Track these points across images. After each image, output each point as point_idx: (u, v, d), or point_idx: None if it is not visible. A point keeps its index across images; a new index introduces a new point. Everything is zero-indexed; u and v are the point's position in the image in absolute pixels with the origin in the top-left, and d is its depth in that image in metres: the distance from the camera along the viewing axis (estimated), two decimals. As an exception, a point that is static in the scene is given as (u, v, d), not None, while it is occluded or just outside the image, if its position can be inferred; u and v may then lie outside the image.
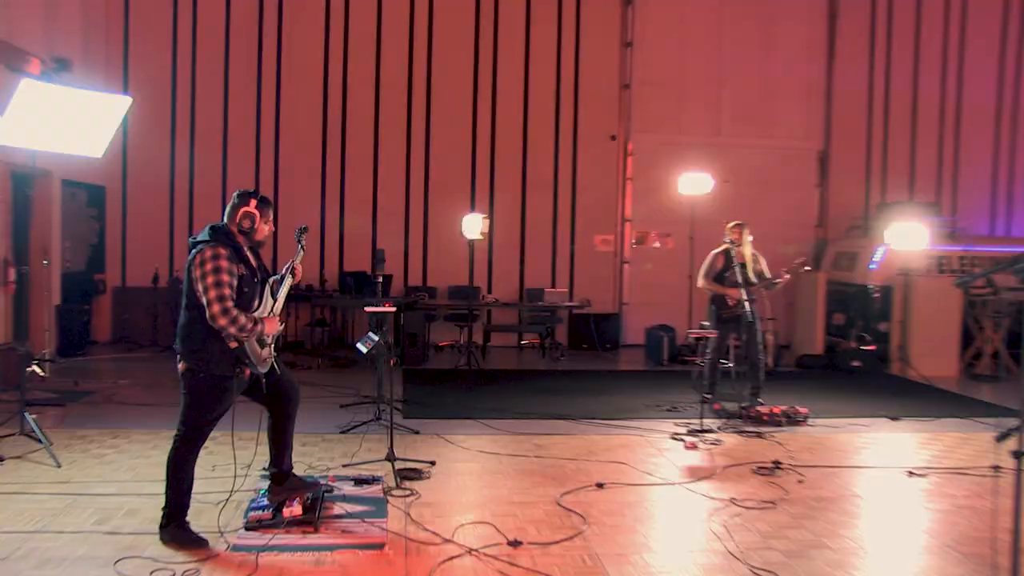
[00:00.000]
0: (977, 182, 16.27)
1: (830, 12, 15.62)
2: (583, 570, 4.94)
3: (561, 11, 14.83)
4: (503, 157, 14.74)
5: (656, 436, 8.37)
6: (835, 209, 15.81)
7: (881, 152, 15.98)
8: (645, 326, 14.27)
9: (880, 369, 12.81)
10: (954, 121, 16.08)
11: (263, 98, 14.08)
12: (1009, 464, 4.10)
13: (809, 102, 15.73)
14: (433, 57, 14.51)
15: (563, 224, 14.98)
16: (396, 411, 8.70)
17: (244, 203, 5.29)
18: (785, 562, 5.16)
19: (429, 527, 5.52)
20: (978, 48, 16.06)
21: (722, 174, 13.93)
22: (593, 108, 14.97)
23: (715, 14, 15.27)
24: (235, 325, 5.01)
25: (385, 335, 7.58)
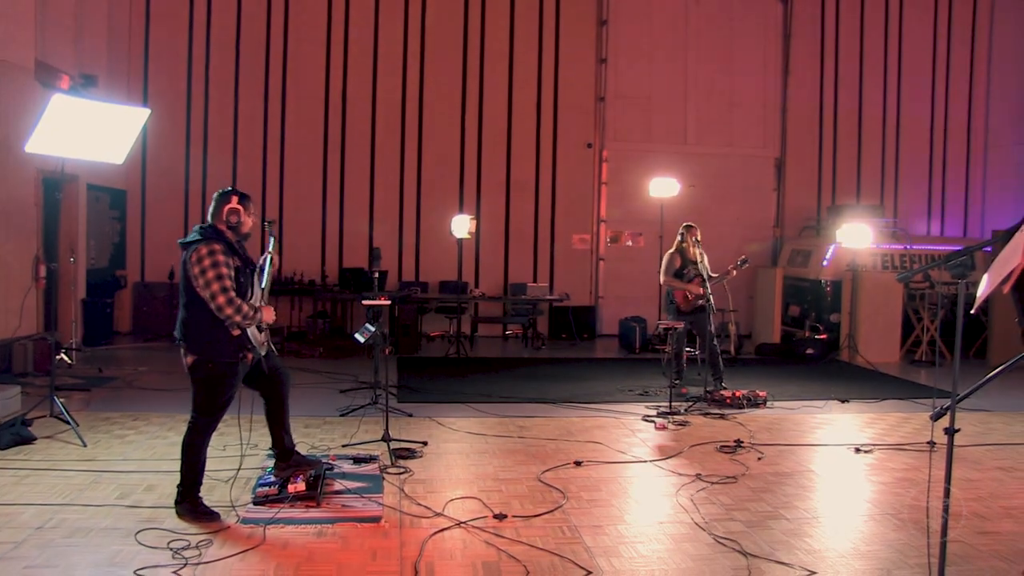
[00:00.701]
0: (915, 187, 16.37)
1: (785, 33, 15.66)
2: (563, 540, 4.95)
3: (542, 30, 14.81)
4: (489, 163, 14.73)
5: (629, 418, 8.39)
6: (790, 211, 15.86)
7: (831, 160, 16.04)
8: (619, 317, 14.29)
9: (831, 356, 12.86)
10: (895, 132, 16.17)
11: (270, 109, 14.02)
12: (943, 440, 4.13)
13: (766, 114, 15.78)
14: (425, 72, 14.47)
15: (544, 224, 14.97)
16: (391, 396, 8.67)
17: (227, 200, 5.26)
18: (746, 531, 5.18)
19: (422, 502, 5.52)
20: (914, 67, 16.16)
21: (688, 179, 13.99)
22: (571, 118, 14.96)
23: (681, 34, 15.29)
24: (240, 314, 5.01)
25: (381, 326, 7.56)
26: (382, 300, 8.11)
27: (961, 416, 8.00)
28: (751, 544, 4.96)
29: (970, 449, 7.37)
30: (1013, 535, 5.18)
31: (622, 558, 4.72)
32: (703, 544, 4.96)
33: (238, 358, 5.20)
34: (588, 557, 4.70)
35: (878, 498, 6.04)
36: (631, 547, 4.89)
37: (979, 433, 8.06)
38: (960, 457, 6.90)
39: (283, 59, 14.03)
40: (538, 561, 4.62)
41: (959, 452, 6.88)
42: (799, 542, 5.04)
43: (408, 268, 14.53)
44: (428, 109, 14.51)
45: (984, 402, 9.11)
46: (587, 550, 4.81)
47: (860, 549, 4.99)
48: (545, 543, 4.88)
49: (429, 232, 14.37)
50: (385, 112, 14.40)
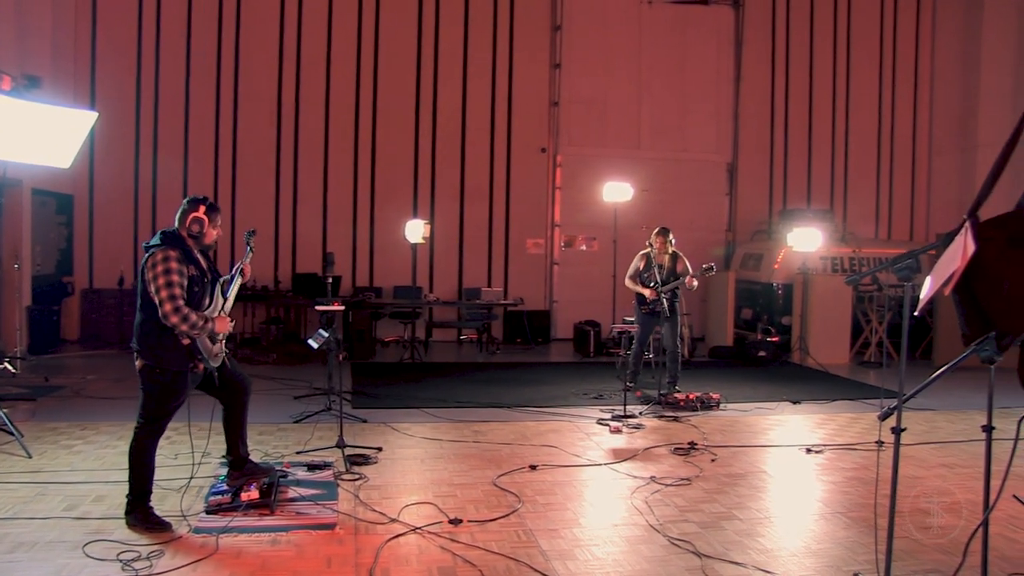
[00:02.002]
0: (864, 192, 16.69)
1: (737, 41, 15.87)
2: (518, 544, 4.96)
3: (496, 35, 14.85)
4: (443, 168, 14.71)
5: (584, 421, 8.42)
6: (742, 215, 16.07)
7: (782, 165, 16.28)
8: (573, 321, 14.34)
9: (783, 358, 13.03)
10: (844, 138, 16.48)
11: (221, 112, 13.86)
12: (890, 439, 4.21)
13: (719, 120, 15.97)
14: (379, 76, 14.42)
15: (498, 229, 14.99)
16: (346, 402, 8.64)
17: (194, 209, 5.22)
18: (700, 532, 5.23)
19: (376, 508, 5.49)
20: (862, 75, 16.52)
21: (642, 184, 14.11)
22: (525, 123, 15.01)
23: (635, 40, 15.42)
24: (186, 323, 4.96)
25: (335, 332, 7.52)
26: (336, 305, 8.06)
27: (907, 416, 8.17)
28: (705, 545, 5.01)
29: (916, 447, 7.52)
30: (954, 529, 5.29)
31: (577, 561, 4.73)
32: (658, 546, 5.00)
33: (187, 367, 5.14)
34: (544, 561, 4.71)
35: (828, 497, 6.14)
36: (586, 550, 4.91)
37: (924, 432, 8.23)
38: (906, 455, 7.04)
39: (235, 61, 13.89)
40: (494, 566, 4.62)
41: (905, 451, 7.03)
42: (752, 542, 5.10)
43: (362, 273, 14.45)
44: (382, 113, 14.46)
45: (930, 401, 9.30)
46: (543, 554, 4.82)
47: (811, 547, 5.07)
48: (501, 547, 4.88)
49: (383, 237, 14.31)
50: (338, 116, 14.32)
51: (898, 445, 4.22)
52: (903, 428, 4.20)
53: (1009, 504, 4.88)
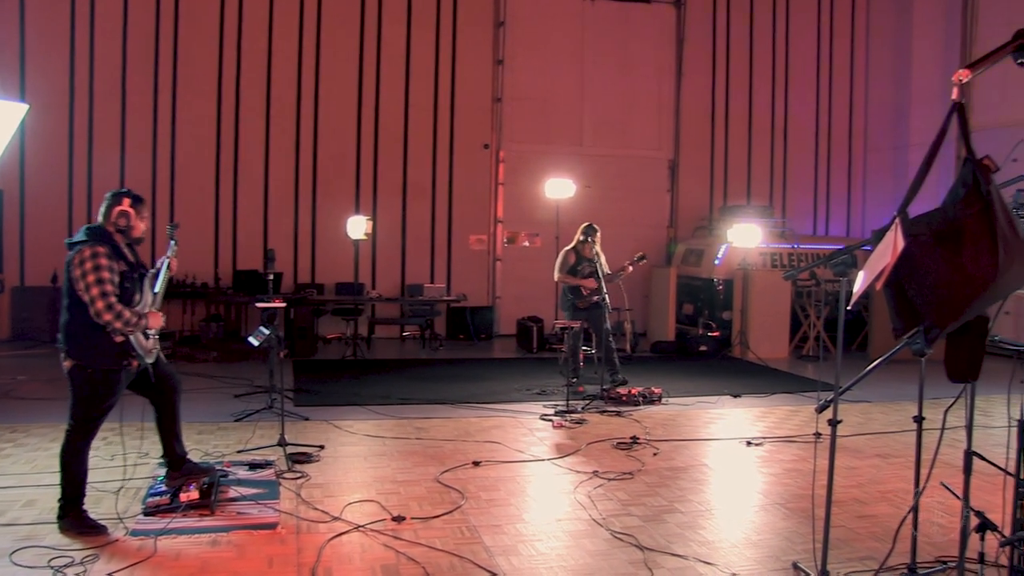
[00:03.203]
0: (802, 188, 16.99)
1: (678, 37, 16.03)
2: (462, 541, 4.97)
3: (439, 31, 14.80)
4: (385, 163, 14.62)
5: (527, 417, 8.46)
6: (684, 211, 16.25)
7: (723, 161, 16.50)
8: (516, 317, 14.39)
9: (724, 352, 13.22)
10: (783, 135, 16.75)
11: (159, 106, 13.57)
12: (828, 431, 4.31)
13: (660, 116, 16.12)
14: (320, 70, 14.27)
15: (440, 225, 14.95)
16: (287, 399, 8.55)
17: (118, 202, 5.12)
18: (642, 526, 5.29)
19: (319, 506, 5.46)
20: (800, 73, 16.80)
21: (584, 180, 14.20)
22: (468, 119, 14.99)
23: (578, 36, 15.49)
24: (120, 320, 4.86)
25: (276, 329, 7.45)
26: (277, 302, 7.99)
27: (844, 408, 8.35)
28: (647, 538, 5.07)
29: (852, 439, 7.70)
30: (888, 517, 5.44)
31: (521, 556, 4.76)
32: (600, 540, 5.05)
33: (121, 365, 5.04)
34: (487, 557, 4.73)
35: (768, 489, 6.25)
36: (530, 545, 4.94)
37: (860, 423, 8.43)
38: (843, 447, 7.20)
39: (172, 53, 13.60)
40: (437, 562, 4.62)
41: (842, 442, 7.19)
42: (693, 534, 5.18)
43: (304, 270, 14.32)
44: (323, 108, 14.32)
45: (866, 393, 9.52)
46: (486, 550, 4.83)
47: (751, 538, 5.16)
48: (444, 544, 4.88)
49: (325, 233, 14.18)
50: (279, 111, 14.14)
51: (834, 437, 4.32)
52: (839, 420, 4.30)
53: (938, 491, 5.02)
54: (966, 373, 2.01)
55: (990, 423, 7.70)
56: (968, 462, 4.01)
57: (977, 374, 2.04)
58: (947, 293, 1.82)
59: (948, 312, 1.84)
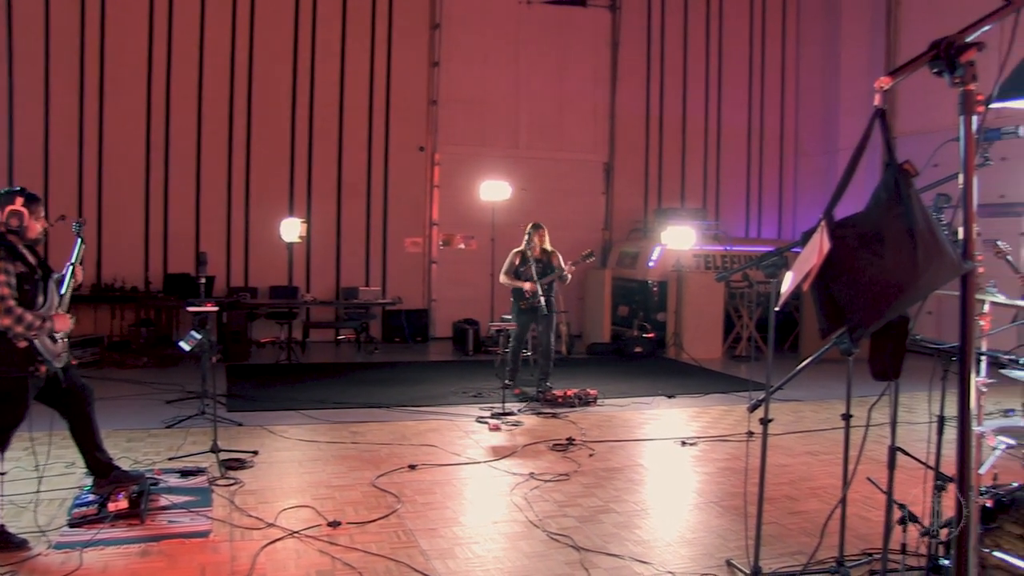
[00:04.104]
0: (735, 191, 17.32)
1: (613, 42, 16.19)
2: (398, 545, 4.96)
3: (374, 32, 14.72)
4: (320, 165, 14.50)
5: (463, 420, 8.47)
6: (619, 214, 16.42)
7: (657, 164, 16.71)
8: (452, 320, 14.39)
9: (659, 354, 13.39)
10: (716, 139, 17.05)
11: (86, 104, 13.22)
12: (760, 430, 4.41)
13: (596, 120, 16.26)
14: (254, 70, 14.06)
15: (376, 227, 14.88)
16: (220, 405, 8.43)
17: (9, 202, 4.94)
18: (578, 526, 5.34)
19: (253, 513, 5.40)
20: (733, 79, 17.13)
21: (520, 182, 14.26)
22: (403, 121, 14.94)
23: (514, 39, 15.55)
24: (21, 324, 4.72)
25: (208, 333, 7.36)
26: (209, 306, 7.88)
27: (776, 407, 8.51)
28: (583, 538, 5.12)
29: (784, 437, 7.87)
30: (819, 513, 5.57)
31: (458, 559, 4.77)
32: (537, 541, 5.08)
33: (28, 372, 4.87)
34: (424, 560, 4.73)
35: (702, 488, 6.36)
36: (467, 548, 4.95)
37: (792, 422, 8.62)
38: (774, 445, 7.36)
39: (99, 49, 13.24)
40: (373, 567, 4.61)
41: (774, 440, 7.35)
42: (629, 534, 5.25)
43: (237, 273, 14.11)
44: (257, 109, 14.12)
45: (797, 392, 9.73)
46: (423, 553, 4.83)
47: (686, 537, 5.25)
48: (380, 548, 4.87)
49: (258, 236, 13.99)
50: (212, 110, 13.90)
51: (766, 435, 4.43)
52: (771, 419, 4.41)
53: (865, 486, 5.17)
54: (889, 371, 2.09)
55: (914, 419, 7.93)
56: (892, 457, 4.14)
57: (899, 372, 2.12)
58: (870, 294, 1.89)
59: (871, 312, 1.91)
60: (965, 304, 1.82)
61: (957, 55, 1.75)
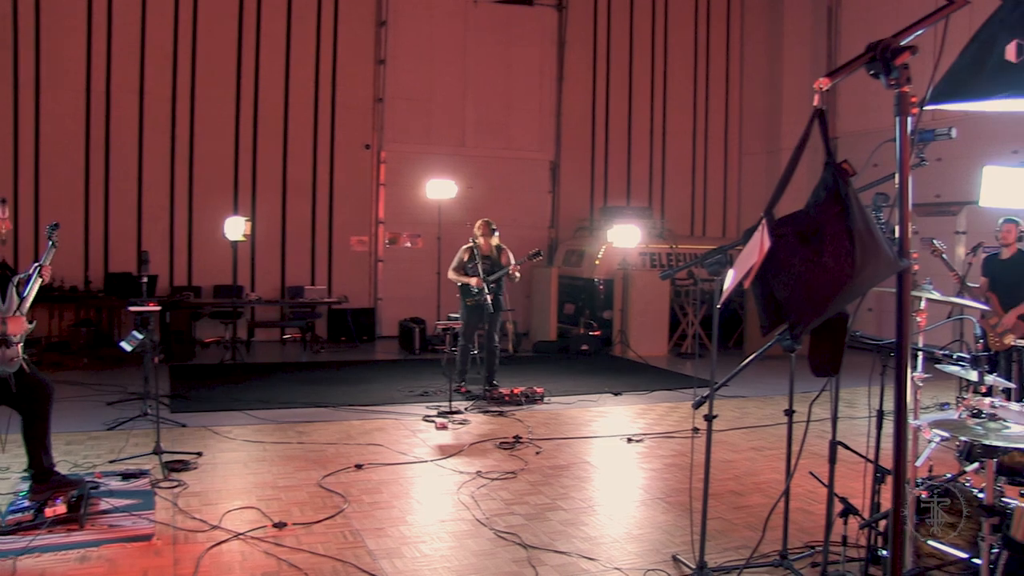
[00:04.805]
0: (680, 190, 17.50)
1: (559, 41, 16.26)
2: (345, 545, 4.93)
3: (320, 28, 14.59)
4: (264, 162, 14.33)
5: (410, 419, 8.45)
6: (565, 212, 16.50)
7: (603, 163, 16.82)
8: (399, 319, 14.33)
9: (605, 351, 13.48)
10: (661, 138, 17.22)
11: (21, 100, 12.87)
12: (705, 426, 4.47)
13: (542, 118, 16.32)
14: (197, 65, 13.84)
15: (321, 226, 14.76)
16: (163, 406, 8.30)
17: None
18: (526, 524, 5.37)
19: (197, 515, 5.33)
20: (678, 78, 17.34)
21: (466, 181, 14.26)
22: (349, 119, 14.84)
23: (460, 38, 15.53)
24: None
25: (151, 333, 7.24)
26: (151, 306, 7.75)
27: (721, 403, 8.64)
28: (531, 536, 5.14)
29: (729, 433, 7.98)
30: (763, 507, 5.66)
31: (405, 559, 4.76)
32: (484, 539, 5.09)
33: None
34: (371, 560, 4.71)
35: (648, 484, 6.43)
36: (414, 547, 4.94)
37: (736, 418, 8.75)
38: (719, 441, 7.46)
39: (35, 42, 12.91)
40: (320, 568, 4.58)
41: (719, 436, 7.45)
42: (576, 531, 5.28)
43: (180, 272, 13.89)
44: (200, 105, 13.90)
45: (742, 389, 9.89)
46: (370, 553, 4.81)
47: (633, 533, 5.30)
48: (327, 549, 4.84)
49: (202, 234, 13.78)
50: (154, 108, 13.63)
51: (710, 432, 4.49)
52: (715, 415, 4.48)
53: (807, 480, 5.27)
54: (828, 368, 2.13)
55: (855, 414, 8.10)
56: (832, 452, 4.23)
57: (838, 368, 2.16)
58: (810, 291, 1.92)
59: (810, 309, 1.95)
60: (901, 301, 1.87)
61: (892, 58, 1.79)
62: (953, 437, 3.80)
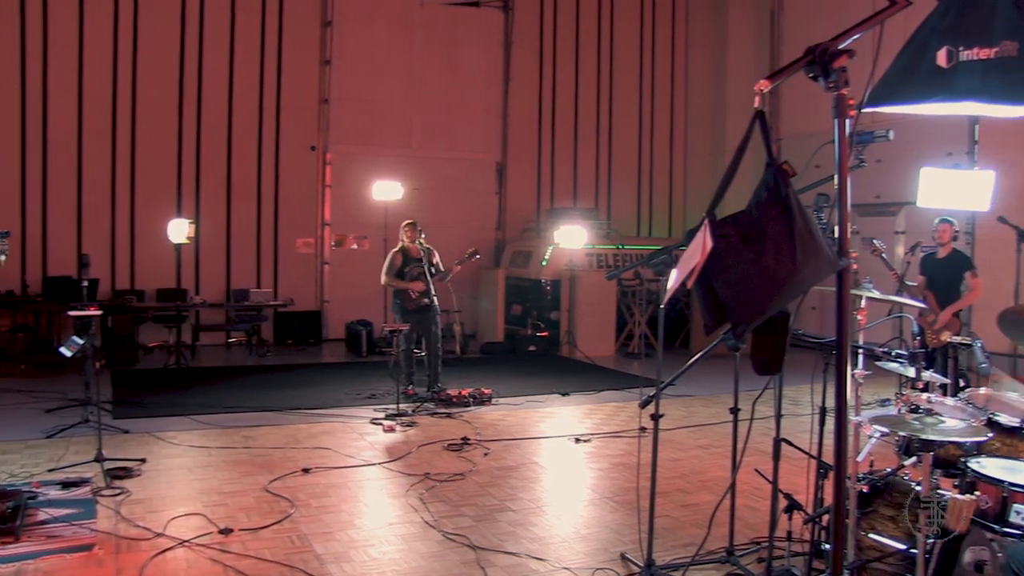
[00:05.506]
0: (626, 191, 17.63)
1: (505, 42, 16.28)
2: (292, 550, 4.89)
3: (264, 28, 14.40)
4: (208, 164, 14.11)
5: (357, 422, 8.40)
6: (512, 214, 16.52)
7: (549, 164, 16.88)
8: (345, 321, 14.23)
9: (552, 352, 13.53)
10: (607, 139, 17.33)
11: (-50, 100, 12.59)
12: (651, 425, 4.52)
13: (488, 119, 16.32)
14: (138, 67, 13.55)
15: (266, 228, 14.58)
16: (105, 412, 8.12)
17: None
18: (474, 526, 5.37)
19: (140, 523, 5.24)
20: (624, 81, 17.46)
21: (412, 182, 14.17)
22: (294, 120, 14.68)
23: (406, 39, 15.47)
24: None
25: (91, 338, 7.10)
26: (92, 310, 7.60)
27: (668, 402, 8.72)
28: (479, 537, 5.14)
29: (675, 432, 8.07)
30: (710, 504, 5.71)
31: (353, 563, 4.73)
32: (433, 542, 5.08)
33: None
34: (319, 565, 4.68)
35: (596, 484, 6.47)
36: (362, 551, 4.91)
37: (683, 416, 8.84)
38: (666, 439, 7.52)
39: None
40: (267, 574, 4.53)
41: (666, 435, 7.49)
42: (525, 531, 5.30)
43: (122, 275, 13.61)
44: (142, 105, 13.61)
45: (689, 388, 9.99)
46: (318, 558, 4.78)
47: (581, 532, 5.33)
48: (274, 554, 4.79)
49: (144, 237, 13.51)
50: (94, 107, 13.32)
51: (657, 430, 4.53)
52: (662, 415, 4.52)
53: (753, 477, 5.34)
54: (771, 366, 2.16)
55: (799, 411, 8.23)
56: (777, 449, 4.29)
57: (780, 367, 2.20)
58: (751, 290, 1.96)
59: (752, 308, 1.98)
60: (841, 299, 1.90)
61: (830, 61, 1.83)
62: (892, 432, 3.89)
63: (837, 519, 1.88)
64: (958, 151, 11.90)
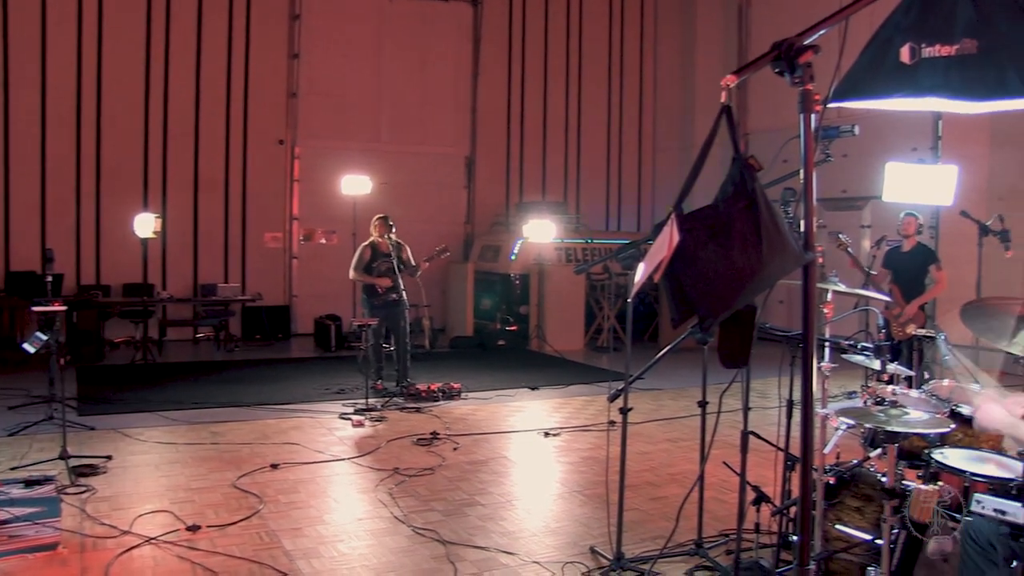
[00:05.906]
0: (595, 185, 17.67)
1: (475, 36, 16.25)
2: (261, 546, 4.86)
3: (232, 21, 14.25)
4: (175, 158, 13.95)
5: (326, 417, 8.36)
6: (480, 208, 16.50)
7: (518, 158, 16.87)
8: (314, 316, 14.15)
9: (522, 346, 13.54)
10: (576, 133, 17.35)
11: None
12: (620, 419, 4.53)
13: (457, 114, 16.28)
14: (104, 57, 13.36)
15: (234, 222, 14.46)
16: (70, 409, 8.04)
17: None
18: (444, 520, 5.36)
19: (106, 521, 5.18)
20: (593, 75, 17.48)
21: (381, 176, 14.10)
22: (262, 114, 14.55)
23: (375, 32, 15.38)
24: None
25: (56, 334, 7.00)
26: (56, 305, 7.50)
27: (637, 396, 8.75)
28: (449, 532, 5.14)
29: (644, 425, 8.10)
30: (679, 497, 5.74)
31: (322, 558, 4.71)
32: (403, 537, 5.07)
33: None
34: (287, 561, 4.65)
35: (565, 477, 6.48)
36: (331, 547, 4.89)
37: (652, 410, 8.88)
38: (635, 433, 7.56)
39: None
40: (236, 570, 4.50)
41: (635, 429, 7.54)
42: (494, 526, 5.30)
43: (87, 270, 13.43)
44: (108, 97, 13.42)
45: (659, 382, 10.04)
46: (286, 554, 4.75)
47: (551, 526, 5.34)
48: (243, 551, 4.76)
49: (110, 231, 13.33)
50: (58, 100, 13.12)
51: (626, 424, 4.55)
52: (631, 408, 4.54)
53: (721, 470, 5.38)
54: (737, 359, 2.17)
55: (767, 404, 8.30)
56: (744, 441, 4.32)
57: (747, 360, 2.21)
58: (718, 284, 1.96)
59: (719, 302, 1.98)
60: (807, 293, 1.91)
61: (796, 56, 1.83)
62: (858, 424, 3.92)
63: (804, 511, 1.89)
64: (922, 146, 12.05)
